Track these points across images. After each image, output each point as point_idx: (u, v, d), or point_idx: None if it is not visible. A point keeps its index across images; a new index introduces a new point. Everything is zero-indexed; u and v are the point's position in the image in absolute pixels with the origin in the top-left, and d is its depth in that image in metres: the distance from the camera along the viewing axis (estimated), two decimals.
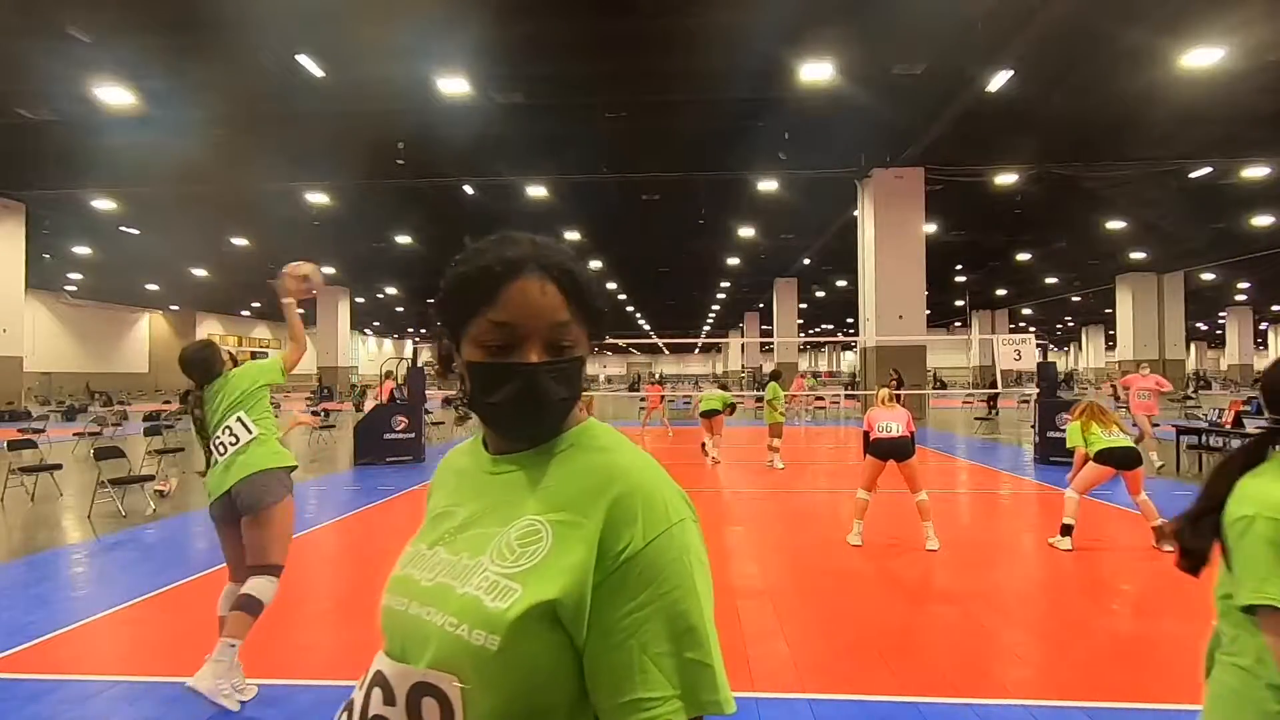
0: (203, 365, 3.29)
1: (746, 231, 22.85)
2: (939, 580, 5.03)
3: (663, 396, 16.75)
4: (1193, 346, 56.95)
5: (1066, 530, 5.69)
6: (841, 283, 33.24)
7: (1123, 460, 5.66)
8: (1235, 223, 21.63)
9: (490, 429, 0.83)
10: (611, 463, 0.77)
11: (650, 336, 60.48)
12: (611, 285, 35.77)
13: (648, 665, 0.67)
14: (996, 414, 19.96)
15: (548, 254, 0.79)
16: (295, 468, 3.35)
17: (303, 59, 10.80)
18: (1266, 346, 57.56)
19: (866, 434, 5.91)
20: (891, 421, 5.83)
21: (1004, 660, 3.56)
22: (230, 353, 3.54)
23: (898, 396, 6.36)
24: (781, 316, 33.47)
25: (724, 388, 12.83)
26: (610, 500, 0.72)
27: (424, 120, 13.28)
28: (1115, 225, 21.95)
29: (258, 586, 3.05)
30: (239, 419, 3.22)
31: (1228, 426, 9.29)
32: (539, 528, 0.74)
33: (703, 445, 11.46)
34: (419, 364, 13.94)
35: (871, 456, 5.88)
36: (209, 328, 45.12)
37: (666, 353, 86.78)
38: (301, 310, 3.55)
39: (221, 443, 3.19)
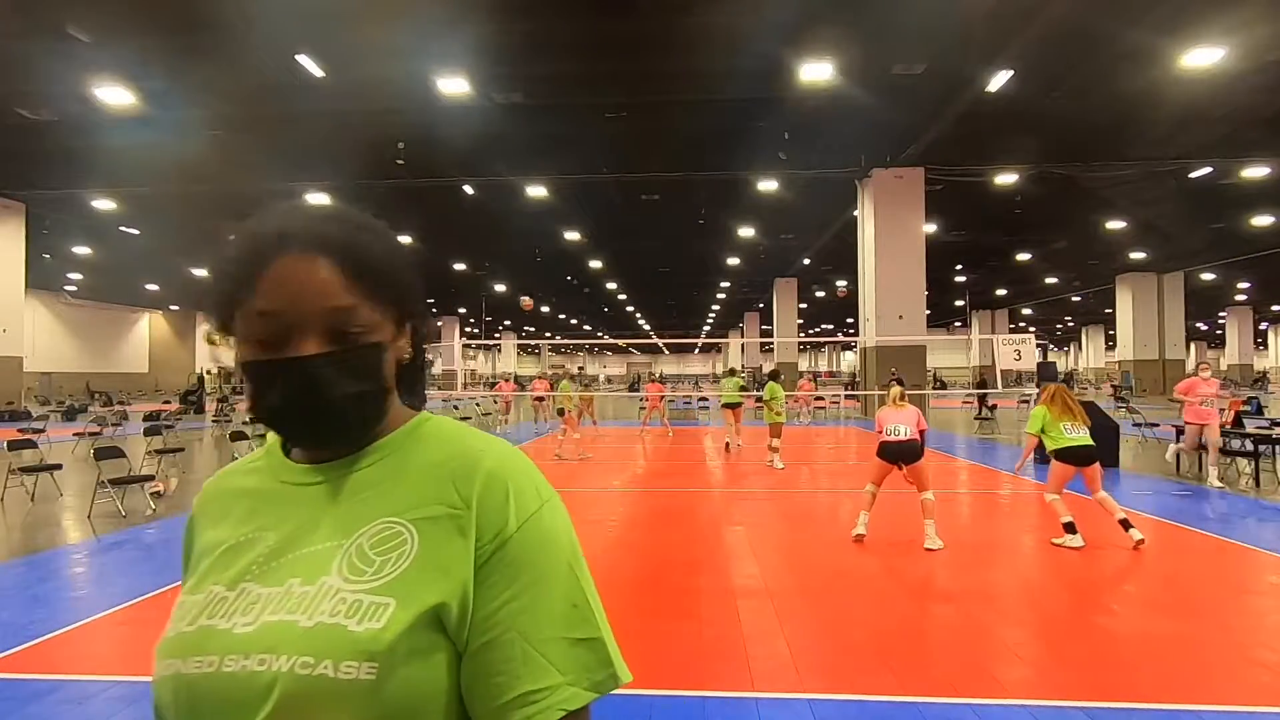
0: None
1: (746, 231, 22.85)
2: (939, 580, 5.03)
3: (663, 396, 16.75)
4: (1193, 346, 56.94)
5: (1069, 528, 5.69)
6: (841, 283, 33.25)
7: (1083, 458, 5.74)
8: (1235, 223, 21.64)
9: (282, 436, 0.72)
10: (468, 448, 0.69)
11: (650, 336, 60.53)
12: (611, 285, 35.79)
13: (532, 655, 0.60)
14: (994, 412, 19.95)
15: (315, 225, 0.67)
16: None
17: (303, 59, 10.80)
18: (1266, 346, 57.58)
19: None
20: (900, 424, 5.82)
21: (1004, 660, 3.56)
22: None
23: (899, 381, 6.40)
24: (781, 316, 33.48)
25: (733, 372, 13.30)
26: (480, 484, 0.65)
27: (424, 120, 13.28)
28: (1115, 225, 21.96)
29: None
30: None
31: (1228, 426, 9.29)
32: (399, 529, 0.64)
33: (726, 445, 12.21)
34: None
35: (879, 459, 5.90)
36: (209, 328, 45.13)
37: (666, 353, 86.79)
38: None
39: None
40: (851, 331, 46.63)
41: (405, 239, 23.55)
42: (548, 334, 63.51)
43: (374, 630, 0.58)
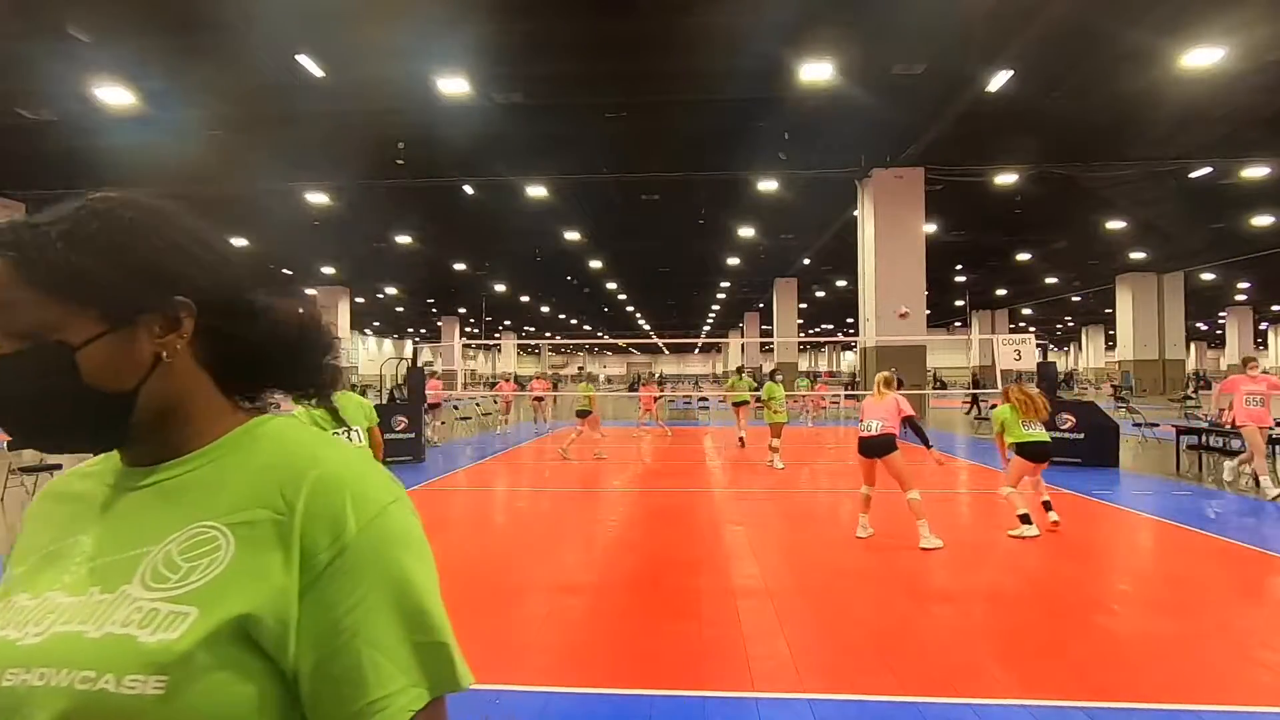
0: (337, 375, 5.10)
1: (746, 231, 22.84)
2: (939, 580, 5.03)
3: (657, 398, 16.80)
4: (1193, 346, 56.93)
5: (1025, 519, 5.93)
6: (841, 283, 33.25)
7: (1039, 455, 6.03)
8: (1235, 223, 21.63)
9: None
10: (303, 453, 0.65)
11: (650, 336, 60.54)
12: (611, 285, 35.79)
13: (379, 661, 0.58)
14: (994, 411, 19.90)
15: None
16: None
17: (303, 59, 10.79)
18: (1266, 346, 57.56)
19: None
20: (873, 419, 5.81)
21: (1004, 660, 3.56)
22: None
23: (899, 381, 6.40)
24: (781, 316, 33.47)
25: (741, 372, 13.76)
26: (309, 488, 0.61)
27: (424, 120, 13.27)
28: (1115, 225, 21.95)
29: None
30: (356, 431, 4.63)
31: (1228, 426, 9.28)
32: (214, 535, 0.60)
33: (740, 439, 13.07)
34: (419, 364, 13.94)
35: (859, 456, 5.92)
36: None
37: (666, 353, 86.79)
38: None
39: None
40: (851, 331, 46.63)
41: (405, 239, 23.56)
42: (548, 334, 63.56)
43: (166, 641, 0.54)
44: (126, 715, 0.53)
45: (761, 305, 41.24)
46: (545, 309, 46.56)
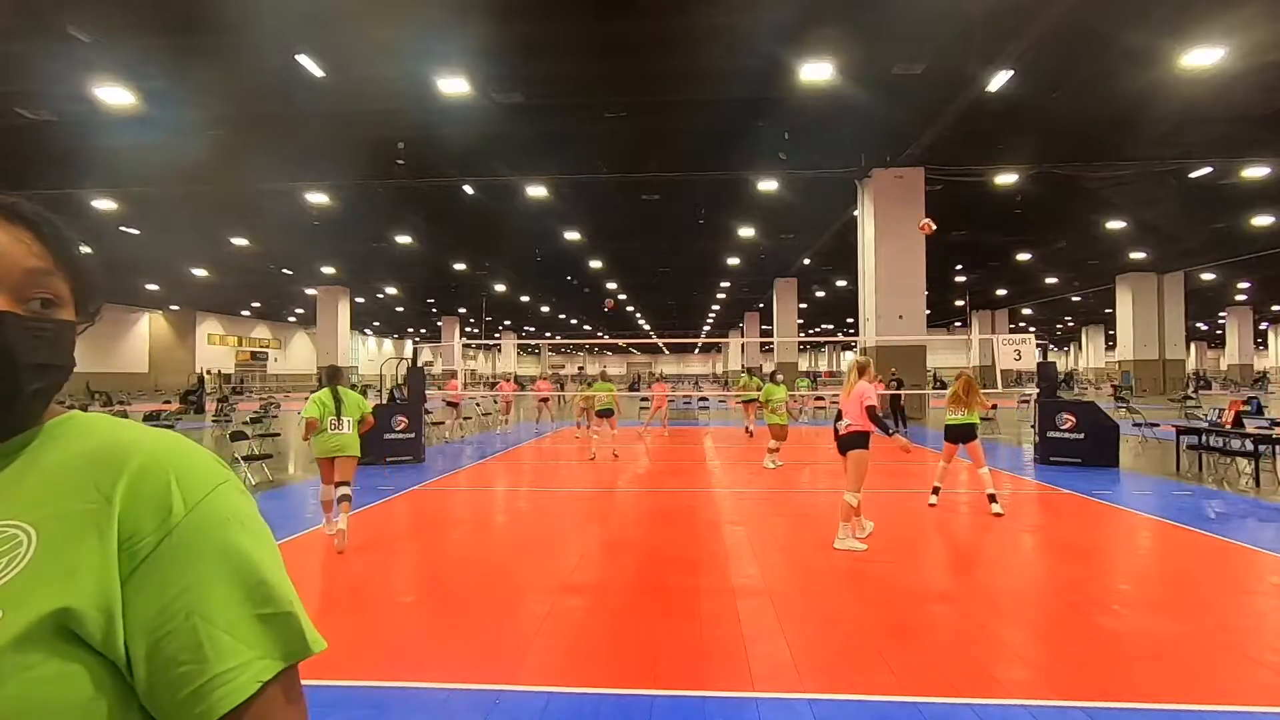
0: (339, 375, 6.50)
1: (746, 231, 22.84)
2: (938, 580, 5.03)
3: (670, 398, 16.87)
4: (1193, 346, 56.97)
5: (935, 491, 7.42)
6: (841, 283, 33.24)
7: (958, 435, 7.30)
8: (1235, 223, 21.62)
9: None
10: (118, 440, 0.63)
11: (650, 336, 60.54)
12: (612, 285, 35.79)
13: (219, 636, 0.57)
14: (993, 411, 19.90)
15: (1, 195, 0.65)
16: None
17: (303, 59, 10.79)
18: (1266, 346, 57.58)
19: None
20: (845, 414, 5.77)
21: (1004, 660, 3.56)
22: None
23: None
24: (781, 316, 33.48)
25: (749, 372, 13.78)
26: (130, 476, 0.60)
27: (424, 120, 13.27)
28: (1115, 225, 21.95)
29: (347, 489, 6.01)
30: (348, 421, 6.13)
31: (1228, 426, 9.29)
32: (14, 533, 0.57)
33: (747, 429, 14.41)
34: (419, 364, 13.94)
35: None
36: (209, 328, 45.14)
37: (666, 353, 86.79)
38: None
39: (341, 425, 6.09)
40: (851, 331, 46.63)
41: (405, 239, 23.58)
42: (548, 334, 63.55)
43: None
44: None
45: (761, 305, 41.25)
46: (545, 309, 46.55)
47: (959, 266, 30.39)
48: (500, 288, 35.49)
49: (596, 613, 4.36)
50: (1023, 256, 27.54)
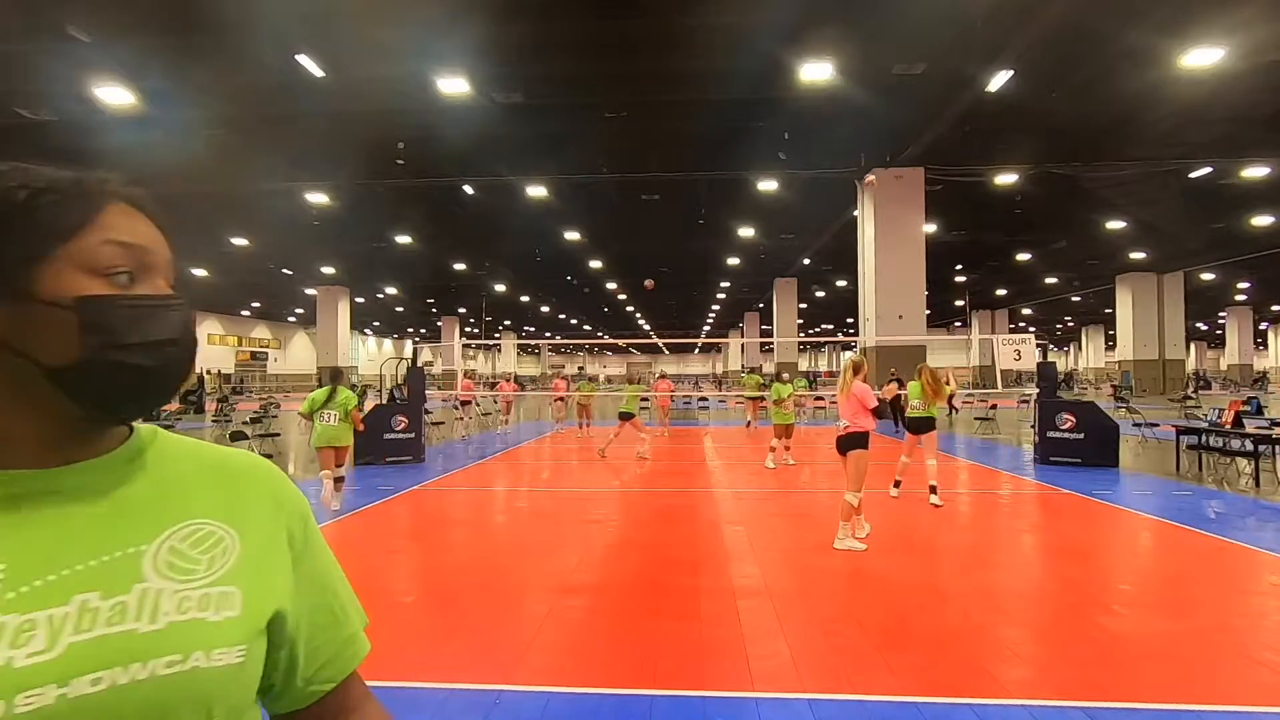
0: (340, 375, 7.75)
1: (746, 231, 22.84)
2: (938, 580, 5.03)
3: (672, 397, 16.89)
4: (1193, 346, 56.94)
5: (897, 484, 7.68)
6: (841, 283, 33.24)
7: (919, 427, 7.48)
8: (1235, 223, 21.62)
9: (99, 403, 0.59)
10: (224, 452, 0.71)
11: (650, 336, 60.52)
12: (611, 285, 35.78)
13: (347, 608, 0.74)
14: (993, 411, 19.90)
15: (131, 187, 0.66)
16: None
17: (303, 59, 10.79)
18: (1266, 346, 57.57)
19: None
20: (843, 418, 5.77)
21: (1004, 660, 3.56)
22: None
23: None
24: (781, 316, 33.48)
25: (753, 371, 13.90)
26: (273, 484, 0.71)
27: (424, 120, 13.27)
28: (1115, 225, 21.94)
29: (340, 471, 7.49)
30: (333, 414, 7.34)
31: (1228, 426, 9.29)
32: (213, 530, 0.63)
33: (749, 423, 15.23)
34: (419, 364, 13.94)
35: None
36: (209, 327, 45.11)
37: (666, 353, 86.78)
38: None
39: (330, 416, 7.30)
40: (851, 331, 46.62)
41: (405, 239, 23.57)
42: (548, 334, 63.53)
43: (234, 617, 0.61)
44: (221, 684, 0.59)
45: (761, 305, 41.23)
46: (545, 309, 46.54)
47: (959, 266, 30.39)
48: (500, 288, 35.48)
49: (596, 613, 4.36)
50: (1023, 256, 27.53)
